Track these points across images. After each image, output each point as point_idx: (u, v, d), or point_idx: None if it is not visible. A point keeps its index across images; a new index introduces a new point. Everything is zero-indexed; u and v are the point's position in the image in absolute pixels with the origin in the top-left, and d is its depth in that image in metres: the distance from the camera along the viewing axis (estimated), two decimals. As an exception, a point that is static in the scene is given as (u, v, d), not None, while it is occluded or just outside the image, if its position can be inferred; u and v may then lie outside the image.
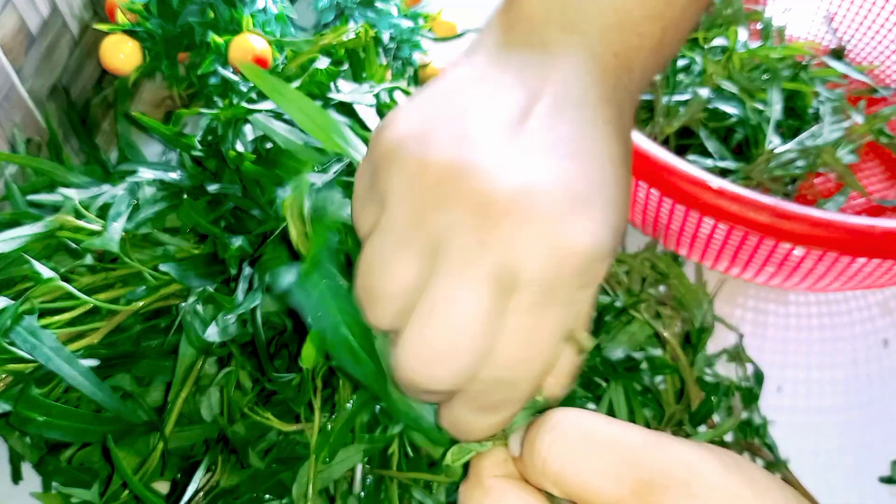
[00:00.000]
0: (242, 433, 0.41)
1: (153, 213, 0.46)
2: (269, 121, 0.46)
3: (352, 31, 0.52)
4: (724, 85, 0.60)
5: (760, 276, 0.53)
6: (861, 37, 0.70)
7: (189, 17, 0.58)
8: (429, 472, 0.39)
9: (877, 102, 0.66)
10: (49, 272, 0.40)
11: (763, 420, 0.47)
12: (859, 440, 0.49)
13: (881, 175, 0.63)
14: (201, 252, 0.45)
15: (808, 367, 0.52)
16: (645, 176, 0.46)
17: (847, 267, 0.47)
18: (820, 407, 0.51)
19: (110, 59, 0.59)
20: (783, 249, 0.46)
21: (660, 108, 0.58)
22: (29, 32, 0.54)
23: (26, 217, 0.46)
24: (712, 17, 0.66)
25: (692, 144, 0.60)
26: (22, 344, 0.38)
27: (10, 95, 0.53)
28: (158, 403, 0.44)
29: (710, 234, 0.49)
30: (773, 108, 0.58)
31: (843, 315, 0.55)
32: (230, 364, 0.42)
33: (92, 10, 0.63)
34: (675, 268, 0.50)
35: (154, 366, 0.44)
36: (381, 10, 0.62)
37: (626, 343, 0.45)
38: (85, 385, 0.38)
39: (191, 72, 0.62)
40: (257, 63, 0.55)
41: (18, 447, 0.44)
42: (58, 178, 0.52)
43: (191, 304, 0.41)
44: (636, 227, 0.56)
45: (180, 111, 0.50)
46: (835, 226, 0.42)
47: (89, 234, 0.44)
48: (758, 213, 0.43)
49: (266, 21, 0.59)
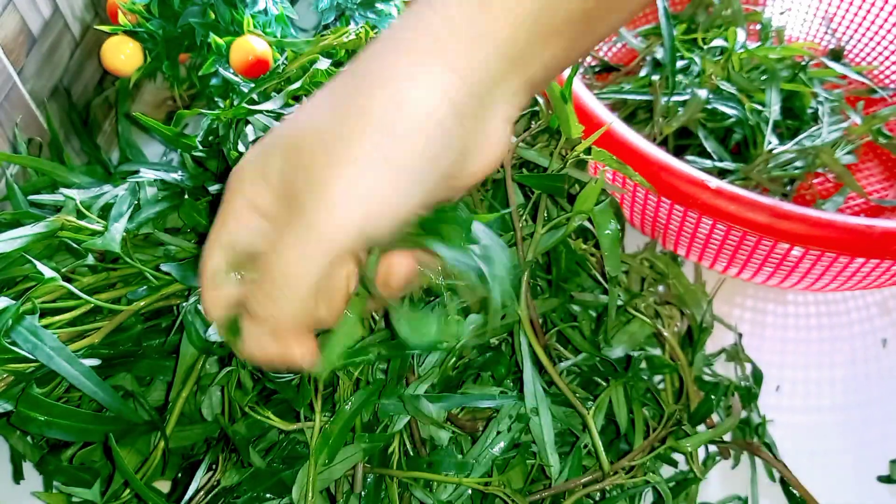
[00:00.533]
0: (243, 432, 0.41)
1: (154, 214, 0.46)
2: (270, 122, 0.46)
3: (352, 32, 0.52)
4: (723, 85, 0.60)
5: (759, 276, 0.53)
6: (860, 38, 0.70)
7: (190, 17, 0.58)
8: (428, 471, 0.40)
9: (875, 103, 0.66)
10: (50, 272, 0.40)
11: (762, 419, 0.47)
12: (858, 439, 0.49)
13: (880, 176, 0.64)
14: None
15: (806, 366, 0.52)
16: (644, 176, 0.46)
17: (845, 267, 0.47)
18: (819, 406, 0.51)
19: (111, 59, 0.59)
20: (781, 249, 0.47)
21: (658, 108, 0.58)
22: (30, 33, 0.55)
23: (28, 217, 0.46)
24: (711, 18, 0.66)
25: (691, 145, 0.60)
26: (23, 344, 0.38)
27: (11, 96, 0.53)
28: (159, 403, 0.44)
29: (708, 234, 0.49)
30: (771, 108, 0.58)
31: (841, 315, 0.55)
32: (231, 363, 0.43)
33: (93, 11, 0.63)
34: (674, 267, 0.50)
35: (155, 365, 0.44)
36: (382, 10, 0.62)
37: (626, 342, 0.45)
38: (86, 385, 0.39)
39: (192, 72, 0.63)
40: (258, 64, 0.55)
41: (20, 446, 0.44)
42: (59, 178, 0.52)
43: (192, 303, 0.41)
44: (635, 228, 0.56)
45: (182, 112, 0.51)
46: (833, 226, 0.42)
47: (91, 235, 0.44)
48: (756, 213, 0.43)
49: (267, 22, 0.59)
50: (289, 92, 0.48)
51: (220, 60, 0.58)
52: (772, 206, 0.43)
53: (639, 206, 0.52)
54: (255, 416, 0.41)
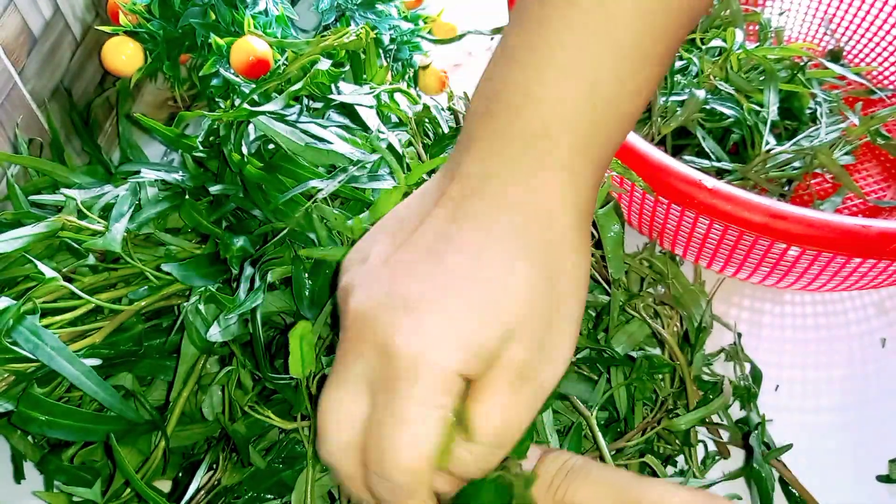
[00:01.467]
0: (244, 432, 0.41)
1: (155, 214, 0.46)
2: (271, 122, 0.46)
3: (352, 32, 0.53)
4: (721, 86, 0.60)
5: (755, 275, 0.53)
6: (858, 39, 0.70)
7: (190, 18, 0.58)
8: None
9: (874, 104, 0.67)
10: (51, 272, 0.41)
11: (761, 419, 0.47)
12: (857, 439, 0.49)
13: (878, 176, 0.64)
14: (203, 252, 0.46)
15: (804, 366, 0.53)
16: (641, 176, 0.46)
17: (842, 267, 0.47)
18: (817, 406, 0.51)
19: (112, 60, 0.59)
20: (778, 249, 0.47)
21: (657, 108, 0.58)
22: (31, 34, 0.55)
23: (29, 217, 0.46)
24: (710, 19, 0.67)
25: (689, 144, 0.61)
26: (24, 343, 0.38)
27: (12, 96, 0.53)
28: (160, 402, 0.44)
29: (705, 234, 0.49)
30: (769, 108, 0.58)
31: (838, 315, 0.55)
32: (231, 363, 0.43)
33: (94, 11, 0.63)
34: (673, 267, 0.50)
35: (156, 365, 0.44)
36: (382, 11, 0.62)
37: (625, 342, 0.46)
38: (87, 384, 0.39)
39: (192, 73, 0.63)
40: (258, 65, 0.55)
41: (20, 446, 0.44)
42: (60, 178, 0.52)
43: (193, 303, 0.42)
44: (633, 228, 0.56)
45: (183, 113, 0.51)
46: (829, 226, 0.42)
47: (91, 235, 0.44)
48: (752, 213, 0.43)
49: (267, 23, 0.59)
50: (290, 93, 0.48)
51: (221, 61, 0.58)
52: (767, 205, 0.43)
53: (636, 206, 0.52)
54: (255, 415, 0.41)
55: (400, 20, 0.63)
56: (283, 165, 0.45)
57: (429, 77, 0.64)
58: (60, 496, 0.43)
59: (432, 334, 0.26)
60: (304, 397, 0.39)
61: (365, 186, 0.45)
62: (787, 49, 0.64)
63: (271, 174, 0.45)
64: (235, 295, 0.42)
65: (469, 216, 0.28)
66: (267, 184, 0.45)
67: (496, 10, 0.57)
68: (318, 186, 0.44)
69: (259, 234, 0.45)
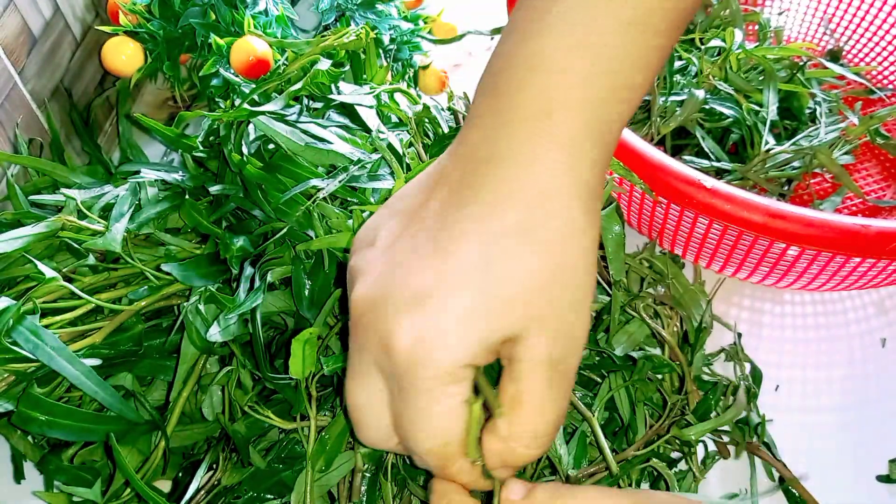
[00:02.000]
0: (244, 432, 0.41)
1: (155, 214, 0.46)
2: (271, 122, 0.46)
3: (352, 32, 0.53)
4: (721, 86, 0.60)
5: (755, 275, 0.53)
6: (858, 38, 0.70)
7: (190, 18, 0.58)
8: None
9: (873, 103, 0.67)
10: (51, 272, 0.41)
11: (762, 419, 0.47)
12: (857, 439, 0.49)
13: (877, 176, 0.64)
14: (203, 252, 0.46)
15: (804, 366, 0.53)
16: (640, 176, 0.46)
17: (841, 267, 0.47)
18: (817, 406, 0.51)
19: (112, 60, 0.60)
20: (778, 249, 0.47)
21: (656, 108, 0.58)
22: (31, 34, 0.55)
23: (29, 217, 0.46)
24: (710, 19, 0.67)
25: (688, 144, 0.61)
26: (24, 343, 0.38)
27: (12, 96, 0.53)
28: (160, 402, 0.44)
29: (705, 234, 0.49)
30: (769, 108, 0.58)
31: (838, 315, 0.55)
32: (231, 363, 0.43)
33: (94, 11, 0.63)
34: (673, 267, 0.50)
35: (156, 365, 0.44)
36: (382, 11, 0.62)
37: (625, 342, 0.46)
38: (87, 384, 0.39)
39: (192, 73, 0.63)
40: (258, 65, 0.55)
41: (20, 446, 0.44)
42: (60, 178, 0.52)
43: (193, 303, 0.42)
44: (633, 228, 0.56)
45: (183, 114, 0.51)
46: (829, 226, 0.42)
47: (91, 235, 0.44)
48: (751, 213, 0.43)
49: (267, 23, 0.59)
50: (290, 93, 0.48)
51: (221, 61, 0.58)
52: (767, 205, 0.43)
53: (636, 206, 0.52)
54: (255, 415, 0.41)
55: (400, 20, 0.63)
56: (283, 165, 0.45)
57: (429, 77, 0.64)
58: (60, 496, 0.43)
59: (431, 333, 0.27)
60: (303, 397, 0.39)
61: (365, 186, 0.45)
62: (787, 49, 0.64)
63: (271, 174, 0.45)
64: (235, 295, 0.42)
65: (469, 201, 0.28)
66: (267, 184, 0.45)
67: (496, 10, 0.57)
68: (319, 186, 0.44)
69: (259, 234, 0.45)
